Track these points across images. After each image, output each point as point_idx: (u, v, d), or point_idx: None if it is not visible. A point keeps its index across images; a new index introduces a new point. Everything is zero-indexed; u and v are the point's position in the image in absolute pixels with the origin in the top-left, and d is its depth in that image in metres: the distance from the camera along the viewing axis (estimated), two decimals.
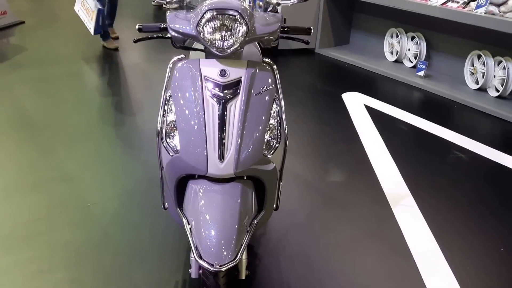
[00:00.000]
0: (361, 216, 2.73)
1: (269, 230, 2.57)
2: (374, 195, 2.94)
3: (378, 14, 5.66)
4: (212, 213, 1.65)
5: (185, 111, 1.74)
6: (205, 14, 1.75)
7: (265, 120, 1.77)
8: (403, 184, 3.06)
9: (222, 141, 1.69)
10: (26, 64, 5.10)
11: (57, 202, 2.77)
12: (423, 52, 5.14)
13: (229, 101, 1.74)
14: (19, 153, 3.30)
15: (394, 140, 3.66)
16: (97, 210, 2.71)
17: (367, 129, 3.83)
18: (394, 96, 4.59)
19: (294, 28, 2.04)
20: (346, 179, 3.12)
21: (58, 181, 2.98)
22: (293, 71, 5.25)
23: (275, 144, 1.80)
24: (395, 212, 2.77)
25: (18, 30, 6.50)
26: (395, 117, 4.08)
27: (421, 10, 4.61)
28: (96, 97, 4.34)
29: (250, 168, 1.72)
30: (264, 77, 1.84)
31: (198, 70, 1.80)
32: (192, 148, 1.70)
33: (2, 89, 4.38)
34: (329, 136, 3.72)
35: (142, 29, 1.99)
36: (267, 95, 1.81)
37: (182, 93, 1.78)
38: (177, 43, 1.95)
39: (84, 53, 5.61)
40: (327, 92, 4.64)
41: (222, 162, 1.67)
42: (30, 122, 3.75)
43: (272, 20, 1.91)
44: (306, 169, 3.21)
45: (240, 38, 1.77)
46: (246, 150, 1.70)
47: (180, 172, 1.77)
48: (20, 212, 2.67)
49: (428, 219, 2.72)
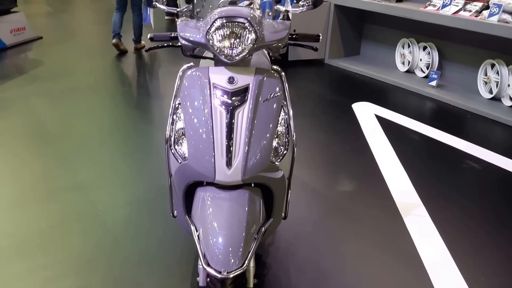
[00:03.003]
0: (371, 225, 2.70)
1: (277, 238, 2.55)
2: (384, 204, 2.92)
3: (389, 25, 5.65)
4: (219, 221, 1.65)
5: (194, 119, 1.76)
6: (215, 22, 1.77)
7: (273, 127, 1.78)
8: (414, 194, 3.02)
9: (230, 148, 1.69)
10: (42, 77, 5.19)
11: (70, 210, 2.79)
12: (435, 62, 5.12)
13: (237, 108, 1.75)
14: (34, 162, 3.33)
15: (405, 149, 3.63)
16: (108, 218, 2.72)
17: (378, 138, 3.81)
18: (405, 106, 4.57)
19: (302, 35, 2.05)
20: (356, 188, 3.09)
21: (71, 189, 3.00)
22: (302, 81, 5.26)
23: (283, 151, 1.80)
24: (406, 222, 2.74)
25: (36, 45, 6.63)
26: (406, 127, 4.05)
27: (433, 19, 4.60)
28: (109, 108, 4.39)
29: (258, 175, 1.72)
30: (272, 84, 1.85)
31: (207, 77, 1.81)
32: (200, 155, 1.71)
33: (19, 101, 4.45)
34: (339, 145, 3.71)
35: (154, 38, 2.05)
36: (275, 102, 1.82)
37: (191, 101, 1.80)
38: (187, 52, 1.97)
39: (99, 67, 5.68)
40: (337, 102, 4.63)
41: (230, 168, 1.68)
42: (45, 133, 3.80)
43: (280, 27, 1.93)
44: (315, 179, 3.20)
45: (249, 45, 1.79)
46: (254, 157, 1.71)
47: (188, 179, 1.78)
48: (35, 219, 2.70)
49: (440, 229, 2.68)
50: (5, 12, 6.45)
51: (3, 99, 4.51)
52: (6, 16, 6.41)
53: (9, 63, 5.77)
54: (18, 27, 6.56)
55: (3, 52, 6.16)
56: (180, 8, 2.18)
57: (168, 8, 2.20)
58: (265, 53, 2.51)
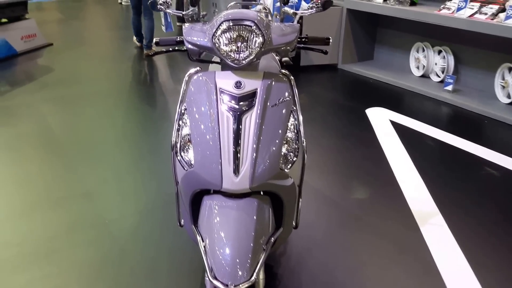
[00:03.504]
0: (386, 235, 2.61)
1: (289, 248, 2.47)
2: (400, 213, 2.82)
3: (403, 29, 5.56)
4: (226, 230, 1.58)
5: (200, 124, 1.70)
6: (221, 25, 1.72)
7: (282, 132, 1.71)
8: (431, 202, 2.92)
9: (237, 155, 1.63)
10: (52, 84, 5.19)
11: (77, 219, 2.74)
12: (451, 66, 5.00)
13: (244, 113, 1.68)
14: (42, 169, 3.30)
15: (421, 156, 3.53)
16: (116, 226, 2.66)
17: (393, 144, 3.71)
18: (421, 111, 4.46)
19: (312, 38, 1.99)
20: (371, 196, 3.00)
21: (78, 197, 2.96)
22: (315, 87, 5.18)
23: (292, 158, 1.73)
24: (423, 231, 2.63)
25: (46, 51, 6.66)
26: (422, 133, 3.95)
27: (448, 23, 4.50)
28: (119, 114, 4.35)
29: (267, 182, 1.65)
30: (280, 89, 1.78)
31: (213, 82, 1.76)
32: (206, 162, 1.64)
33: (29, 108, 4.44)
34: (352, 152, 3.62)
35: (159, 42, 2.01)
36: (284, 107, 1.75)
37: (197, 106, 1.74)
38: (193, 56, 1.93)
39: (109, 73, 5.67)
40: (350, 108, 4.55)
41: (237, 176, 1.61)
42: (54, 139, 3.77)
43: (289, 30, 1.86)
44: (328, 186, 3.11)
45: (256, 49, 1.74)
46: (262, 163, 1.64)
47: (194, 187, 1.71)
48: (41, 228, 2.65)
49: (458, 238, 2.57)
50: (16, 19, 6.49)
51: (13, 105, 4.50)
52: (17, 23, 6.46)
53: (20, 70, 5.80)
54: (29, 34, 6.60)
55: (14, 59, 6.19)
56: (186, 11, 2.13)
57: (173, 12, 2.16)
58: (275, 57, 2.45)
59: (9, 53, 6.22)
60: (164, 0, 2.13)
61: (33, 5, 10.03)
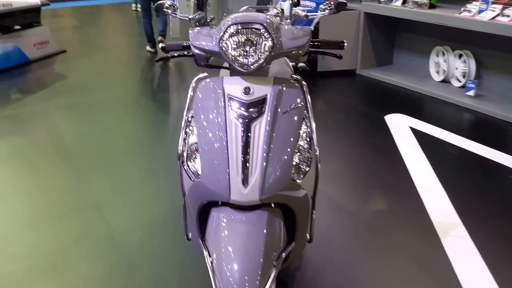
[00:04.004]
0: (406, 248, 2.49)
1: (304, 263, 2.37)
2: (421, 224, 2.69)
3: (422, 33, 5.42)
4: (234, 245, 1.50)
5: (207, 133, 1.62)
6: (228, 29, 1.66)
7: (294, 141, 1.62)
8: (454, 213, 2.79)
9: (246, 164, 1.54)
10: (64, 92, 5.18)
11: (84, 231, 2.68)
12: (472, 70, 4.84)
13: (253, 121, 1.60)
14: (51, 179, 3.26)
15: (442, 164, 3.39)
16: (124, 239, 2.60)
17: (413, 152, 3.58)
18: (442, 118, 4.32)
19: (325, 42, 1.91)
20: (390, 207, 2.88)
21: (86, 208, 2.90)
22: (332, 93, 5.07)
23: (305, 168, 1.64)
24: (445, 244, 2.51)
25: (59, 58, 6.67)
26: (443, 140, 3.81)
27: (469, 26, 4.36)
28: (131, 123, 4.31)
29: (277, 194, 1.56)
30: (292, 95, 1.70)
31: (221, 88, 1.68)
32: (213, 172, 1.57)
33: (40, 116, 4.43)
34: (371, 160, 3.50)
35: (166, 48, 1.95)
36: (295, 114, 1.66)
37: (204, 113, 1.67)
38: (201, 61, 1.86)
39: (122, 80, 5.65)
40: (369, 114, 4.43)
41: (246, 187, 1.53)
42: (64, 149, 3.74)
43: (300, 34, 1.78)
44: (345, 196, 3.00)
45: (265, 53, 1.66)
46: (273, 174, 1.55)
47: (201, 199, 1.63)
48: (48, 241, 2.60)
49: (482, 252, 2.44)
50: (29, 26, 6.48)
51: (25, 114, 4.50)
52: (30, 30, 6.44)
53: (32, 77, 5.82)
54: (42, 41, 6.60)
55: (26, 66, 6.21)
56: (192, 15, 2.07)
57: (179, 16, 2.10)
58: (287, 61, 2.36)
59: (21, 60, 6.22)
60: (170, 4, 2.07)
61: (48, 11, 10.11)
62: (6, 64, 5.97)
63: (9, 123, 4.29)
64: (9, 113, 4.52)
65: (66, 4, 12.04)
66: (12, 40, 6.09)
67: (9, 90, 5.28)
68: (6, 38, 6.04)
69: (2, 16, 5.95)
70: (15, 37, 6.17)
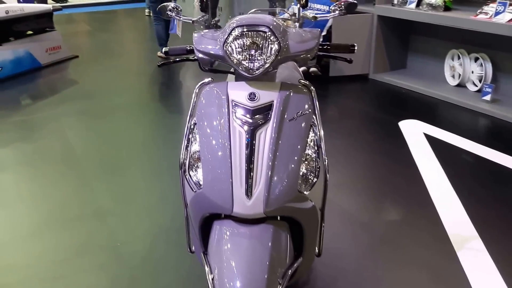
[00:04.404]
0: (420, 260, 2.39)
1: (312, 277, 2.28)
2: (435, 236, 2.59)
3: (436, 36, 5.30)
4: (237, 261, 1.42)
5: (210, 141, 1.56)
6: (233, 31, 1.59)
7: (301, 150, 1.55)
8: (470, 224, 2.68)
9: (250, 174, 1.47)
10: (75, 97, 5.16)
11: (88, 240, 2.64)
12: (489, 74, 4.71)
13: (258, 128, 1.53)
14: (57, 187, 3.23)
15: (458, 172, 3.28)
16: (127, 250, 2.54)
17: (427, 160, 3.48)
18: (457, 124, 4.21)
19: (335, 46, 1.84)
20: (403, 217, 2.79)
21: (90, 217, 2.86)
22: (345, 98, 4.98)
23: (313, 179, 1.56)
24: (460, 257, 2.40)
25: (71, 64, 6.66)
26: (459, 147, 3.69)
27: (485, 28, 4.24)
28: (140, 129, 4.27)
29: (283, 206, 1.48)
30: (299, 101, 1.63)
31: (225, 94, 1.62)
32: (216, 182, 1.49)
33: (49, 122, 4.41)
34: (383, 168, 3.40)
35: (169, 52, 1.89)
36: (303, 121, 1.59)
37: (208, 120, 1.60)
38: (205, 66, 1.80)
39: (134, 86, 5.62)
40: (382, 120, 4.33)
41: (250, 199, 1.45)
42: (71, 155, 3.71)
43: (308, 37, 1.71)
44: (356, 206, 2.91)
45: (271, 57, 1.59)
46: (278, 185, 1.47)
47: (203, 211, 1.56)
48: (49, 250, 2.56)
49: (500, 266, 2.33)
50: (41, 31, 6.47)
51: (34, 119, 4.48)
52: (42, 35, 6.42)
53: (43, 83, 5.82)
54: (54, 46, 6.58)
55: (38, 71, 6.20)
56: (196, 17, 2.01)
57: (183, 19, 2.04)
58: (296, 66, 2.29)
59: (33, 66, 6.19)
60: (173, 6, 2.01)
61: (63, 17, 10.16)
62: (17, 70, 5.96)
63: (18, 129, 4.28)
64: (18, 119, 4.51)
65: (81, 10, 12.12)
66: (24, 46, 6.07)
67: (19, 95, 5.27)
68: (18, 43, 6.03)
69: (13, 22, 5.93)
70: (27, 42, 6.15)
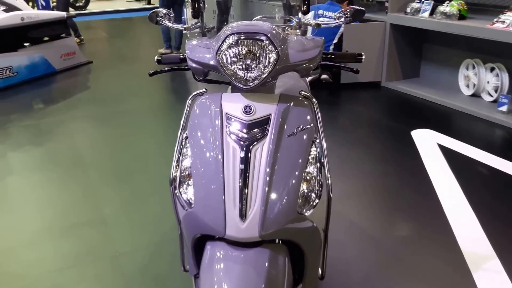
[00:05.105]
0: (433, 281, 2.27)
1: None
2: (449, 255, 2.48)
3: (451, 45, 5.19)
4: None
5: (202, 157, 1.44)
6: (227, 39, 1.47)
7: (301, 167, 1.42)
8: (486, 243, 2.56)
9: (245, 194, 1.35)
10: (86, 102, 5.14)
11: (86, 249, 2.57)
12: (505, 84, 4.59)
13: (254, 144, 1.41)
14: (62, 193, 3.17)
15: (473, 186, 3.16)
16: (126, 260, 2.46)
17: (441, 172, 3.36)
18: (472, 134, 4.08)
19: (340, 55, 1.71)
20: (415, 233, 2.67)
21: (92, 225, 2.79)
22: (356, 105, 4.87)
23: (314, 200, 1.43)
24: (476, 279, 2.28)
25: (85, 69, 6.69)
26: (474, 159, 3.57)
27: (502, 38, 4.12)
28: (149, 135, 4.20)
29: (281, 229, 1.35)
30: (300, 114, 1.51)
31: (219, 106, 1.50)
32: (207, 202, 1.37)
33: (58, 126, 4.37)
34: (395, 179, 3.29)
35: (162, 61, 1.79)
36: (303, 136, 1.47)
37: (200, 134, 1.49)
38: (198, 76, 1.68)
39: (146, 91, 5.58)
40: (394, 129, 4.21)
41: (244, 221, 1.32)
42: (79, 161, 3.65)
43: (310, 45, 1.59)
44: (366, 220, 2.80)
45: (268, 67, 1.47)
46: (276, 206, 1.35)
47: (194, 231, 1.44)
48: (48, 259, 2.50)
49: None
50: (56, 37, 6.57)
51: (44, 124, 4.44)
52: (57, 41, 6.55)
53: (56, 87, 5.82)
54: (69, 52, 6.67)
55: (52, 77, 6.24)
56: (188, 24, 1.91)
57: (174, 26, 1.93)
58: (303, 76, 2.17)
59: (47, 71, 6.28)
60: (165, 12, 1.91)
61: (82, 24, 10.18)
62: (32, 75, 6.04)
63: (27, 133, 4.24)
64: (28, 123, 4.47)
65: (99, 17, 12.20)
66: (39, 51, 6.17)
67: (32, 100, 5.28)
68: (34, 49, 6.13)
69: (29, 28, 6.04)
70: (42, 48, 6.25)
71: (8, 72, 5.66)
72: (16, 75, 5.76)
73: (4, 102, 5.20)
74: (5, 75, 5.62)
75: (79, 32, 8.21)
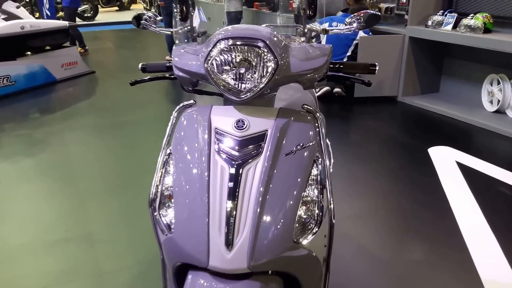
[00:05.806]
0: None
1: None
2: (467, 281, 2.23)
3: (474, 59, 4.95)
4: None
5: (185, 174, 1.26)
6: (218, 44, 1.28)
7: (299, 189, 1.22)
8: (507, 268, 2.31)
9: (232, 219, 1.16)
10: (84, 112, 5.04)
11: (68, 267, 2.38)
12: None
13: (246, 164, 1.22)
14: (49, 205, 3.02)
15: (494, 206, 2.91)
16: (109, 281, 2.26)
17: (459, 191, 3.11)
18: (494, 153, 3.82)
19: (350, 65, 1.49)
20: (429, 257, 2.43)
21: (77, 241, 2.62)
22: (370, 121, 4.65)
23: (313, 227, 1.22)
24: None
25: (87, 79, 6.64)
26: (495, 178, 3.31)
27: None
28: (144, 148, 4.03)
29: (275, 259, 1.15)
30: (301, 130, 1.31)
31: (207, 120, 1.31)
32: (189, 226, 1.19)
33: (52, 137, 4.25)
34: (410, 198, 3.05)
35: (146, 68, 1.63)
36: (303, 155, 1.27)
37: (185, 149, 1.31)
38: (186, 86, 1.48)
39: (147, 102, 5.46)
40: (410, 146, 3.98)
41: (231, 250, 1.13)
42: (68, 173, 3.49)
43: (316, 54, 1.38)
44: (378, 241, 2.57)
45: (265, 77, 1.27)
46: (269, 231, 1.16)
47: (175, 259, 1.24)
48: (28, 277, 2.31)
49: None
50: (58, 46, 6.55)
51: (37, 134, 4.34)
52: (58, 50, 6.51)
53: (54, 97, 5.76)
54: (70, 62, 6.62)
55: (52, 86, 6.18)
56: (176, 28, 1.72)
57: (160, 30, 1.75)
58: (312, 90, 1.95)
59: (47, 80, 6.22)
60: (150, 15, 1.73)
61: (89, 34, 10.21)
62: (31, 84, 5.98)
63: (19, 143, 4.11)
64: (22, 133, 4.36)
65: (106, 28, 12.27)
66: (39, 60, 6.13)
67: (28, 109, 5.20)
68: (33, 58, 6.09)
69: (30, 37, 6.02)
70: (42, 57, 6.22)
71: (5, 81, 5.60)
72: (14, 84, 5.71)
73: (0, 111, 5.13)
74: (2, 84, 5.56)
75: (84, 42, 8.17)
